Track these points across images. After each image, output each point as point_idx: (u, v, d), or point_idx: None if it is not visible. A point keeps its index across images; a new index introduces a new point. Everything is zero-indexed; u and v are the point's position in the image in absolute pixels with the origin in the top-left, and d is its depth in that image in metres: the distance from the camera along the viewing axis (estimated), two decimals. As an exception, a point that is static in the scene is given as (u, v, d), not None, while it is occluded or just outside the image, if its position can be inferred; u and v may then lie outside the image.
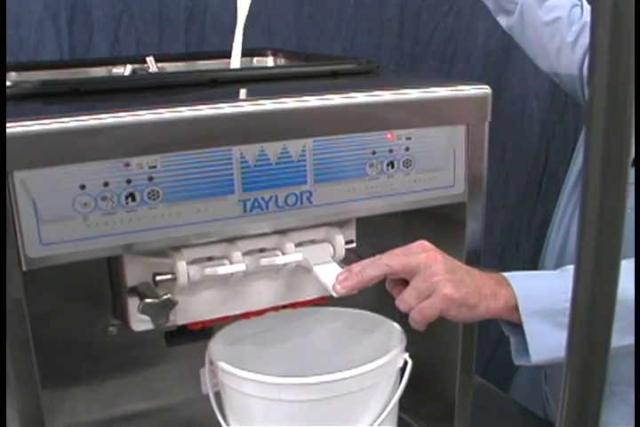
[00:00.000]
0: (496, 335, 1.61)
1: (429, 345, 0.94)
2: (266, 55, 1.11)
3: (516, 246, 1.72)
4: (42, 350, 0.72)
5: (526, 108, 1.64)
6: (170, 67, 1.05)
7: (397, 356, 0.84)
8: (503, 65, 1.57)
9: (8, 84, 0.79)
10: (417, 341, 0.86)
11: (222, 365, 0.81)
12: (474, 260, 0.88)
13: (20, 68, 0.96)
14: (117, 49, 1.26)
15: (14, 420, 0.74)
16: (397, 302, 0.81)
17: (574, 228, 1.15)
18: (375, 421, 0.83)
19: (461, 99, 0.85)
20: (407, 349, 0.86)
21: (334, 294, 0.82)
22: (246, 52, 0.99)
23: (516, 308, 0.82)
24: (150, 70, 1.01)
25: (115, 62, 1.04)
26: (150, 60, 1.02)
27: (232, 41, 0.97)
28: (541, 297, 0.83)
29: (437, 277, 0.79)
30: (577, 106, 1.61)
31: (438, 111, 0.84)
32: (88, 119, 0.68)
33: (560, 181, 1.30)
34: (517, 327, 0.84)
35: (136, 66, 1.02)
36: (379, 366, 0.80)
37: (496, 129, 0.88)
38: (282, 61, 1.10)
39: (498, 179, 1.62)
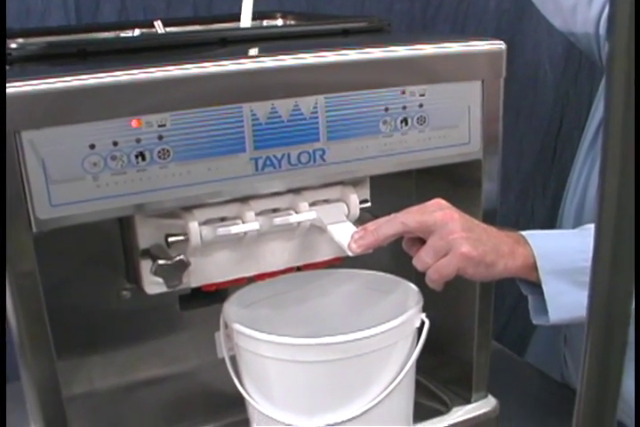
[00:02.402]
0: (511, 303, 1.61)
1: (446, 309, 0.93)
2: (275, 17, 1.09)
3: (531, 212, 1.71)
4: (56, 317, 0.72)
5: (540, 72, 1.61)
6: (178, 30, 1.03)
7: (414, 315, 0.83)
8: (516, 28, 1.54)
9: (14, 46, 0.77)
10: (434, 304, 0.85)
11: (237, 327, 0.80)
12: (490, 219, 0.87)
13: (27, 33, 0.94)
14: (125, 15, 1.25)
15: (31, 389, 0.74)
16: (414, 261, 0.80)
17: (590, 192, 1.14)
18: (392, 382, 0.82)
19: (475, 54, 0.84)
20: (424, 311, 0.85)
21: (350, 254, 0.81)
22: (256, 15, 0.97)
23: (534, 266, 0.81)
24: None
25: (122, 27, 1.02)
26: (158, 23, 1.00)
27: (241, 5, 0.95)
28: (560, 256, 0.82)
29: (454, 235, 0.78)
30: (591, 69, 1.59)
31: (452, 67, 0.83)
32: (96, 77, 0.67)
33: (574, 145, 1.28)
34: (536, 287, 0.83)
35: (144, 30, 1.01)
36: (396, 325, 0.79)
37: (509, 93, 0.87)
38: (291, 23, 1.08)
39: (512, 144, 1.60)
